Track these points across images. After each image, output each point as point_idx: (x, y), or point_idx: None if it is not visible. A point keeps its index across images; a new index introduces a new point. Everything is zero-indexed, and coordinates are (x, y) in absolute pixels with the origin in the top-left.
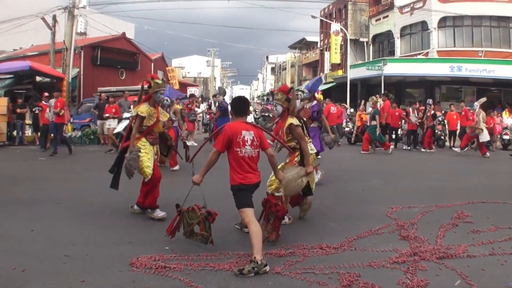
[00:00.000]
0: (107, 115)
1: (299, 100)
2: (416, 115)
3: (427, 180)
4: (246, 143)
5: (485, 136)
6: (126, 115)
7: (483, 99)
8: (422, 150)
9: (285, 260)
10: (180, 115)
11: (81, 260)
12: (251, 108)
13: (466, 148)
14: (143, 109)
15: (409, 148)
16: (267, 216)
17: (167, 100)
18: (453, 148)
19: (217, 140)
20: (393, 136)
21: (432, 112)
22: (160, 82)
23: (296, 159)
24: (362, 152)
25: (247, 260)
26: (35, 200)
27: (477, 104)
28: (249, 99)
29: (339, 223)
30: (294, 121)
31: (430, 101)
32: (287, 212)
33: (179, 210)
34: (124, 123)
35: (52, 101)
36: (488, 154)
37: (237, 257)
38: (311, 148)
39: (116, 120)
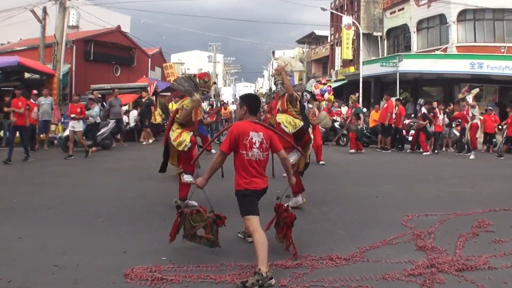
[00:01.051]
0: (72, 115)
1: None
2: (443, 116)
3: (445, 185)
4: (254, 146)
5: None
6: (91, 117)
7: (476, 90)
8: (425, 153)
9: (292, 272)
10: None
11: (71, 271)
12: None
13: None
14: (188, 102)
15: (436, 151)
16: (278, 222)
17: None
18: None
19: (224, 141)
20: (397, 137)
21: (423, 111)
22: (205, 81)
23: None
24: (350, 151)
25: (251, 272)
26: (23, 206)
27: (469, 96)
28: None
29: (350, 232)
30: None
31: (421, 101)
32: (295, 218)
33: (181, 211)
34: (77, 125)
35: (42, 99)
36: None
37: (240, 268)
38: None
39: (81, 122)
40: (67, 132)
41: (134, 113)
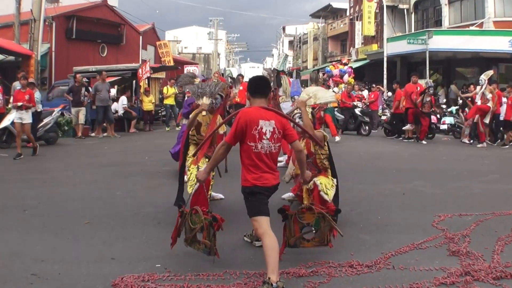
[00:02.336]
0: (19, 104)
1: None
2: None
3: (482, 181)
4: (264, 136)
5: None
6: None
7: (490, 72)
8: (423, 142)
9: (306, 281)
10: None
11: (52, 280)
12: None
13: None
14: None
15: (471, 141)
16: (297, 230)
17: None
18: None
19: (230, 131)
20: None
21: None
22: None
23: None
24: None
25: (258, 281)
26: None
27: (484, 78)
28: None
29: (373, 235)
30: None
31: (430, 82)
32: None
33: (181, 211)
34: (26, 116)
35: (17, 84)
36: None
37: (246, 277)
38: None
39: (30, 112)
40: (5, 123)
41: (123, 100)
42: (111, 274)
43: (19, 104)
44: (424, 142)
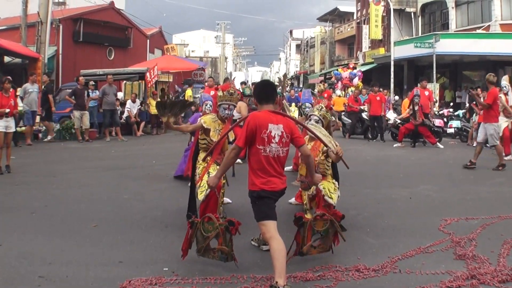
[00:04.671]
0: (7, 110)
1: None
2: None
3: (489, 185)
4: (273, 140)
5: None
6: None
7: (506, 76)
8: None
9: (313, 285)
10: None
11: (59, 283)
12: None
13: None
14: (207, 118)
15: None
16: (309, 237)
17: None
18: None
19: (239, 134)
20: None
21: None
22: (223, 93)
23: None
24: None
25: (266, 285)
26: (4, 208)
27: (507, 84)
28: None
29: (380, 239)
30: None
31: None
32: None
33: (191, 221)
34: (12, 123)
35: (29, 86)
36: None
37: (253, 280)
38: None
39: (11, 119)
40: None
41: (130, 103)
42: (119, 277)
43: (7, 110)
44: (440, 145)
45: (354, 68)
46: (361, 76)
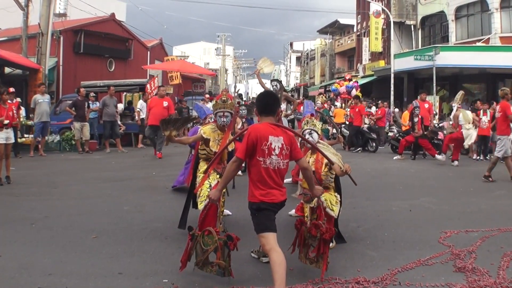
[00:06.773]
0: (6, 121)
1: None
2: (488, 118)
3: (489, 198)
4: (273, 152)
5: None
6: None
7: (460, 94)
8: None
9: None
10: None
11: None
12: None
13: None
14: (207, 129)
15: (479, 158)
16: (302, 242)
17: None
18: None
19: (240, 146)
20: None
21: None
22: (218, 102)
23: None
24: None
25: None
26: (4, 220)
27: (455, 105)
28: None
29: (380, 252)
30: None
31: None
32: (335, 233)
33: (192, 233)
34: (11, 135)
35: (39, 97)
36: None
37: None
38: None
39: (11, 131)
40: None
41: (141, 104)
42: None
43: (6, 122)
44: (439, 157)
45: (350, 80)
46: (357, 86)
